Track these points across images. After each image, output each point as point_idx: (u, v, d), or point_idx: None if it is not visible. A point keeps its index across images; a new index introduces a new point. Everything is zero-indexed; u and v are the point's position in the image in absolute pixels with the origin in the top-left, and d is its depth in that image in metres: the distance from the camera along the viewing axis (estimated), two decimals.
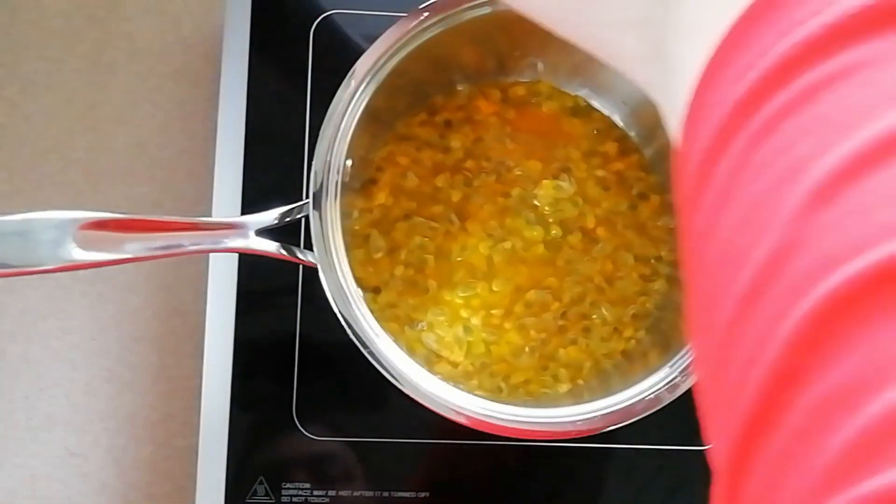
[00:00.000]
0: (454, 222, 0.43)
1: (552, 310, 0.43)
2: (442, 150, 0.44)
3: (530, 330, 0.42)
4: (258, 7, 0.47)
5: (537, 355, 0.42)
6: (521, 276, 0.43)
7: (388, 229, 0.43)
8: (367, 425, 0.44)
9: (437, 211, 0.43)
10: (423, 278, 0.43)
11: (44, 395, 0.46)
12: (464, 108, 0.44)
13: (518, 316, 0.43)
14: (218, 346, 0.44)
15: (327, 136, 0.36)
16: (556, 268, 0.43)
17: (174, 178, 0.48)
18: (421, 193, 0.44)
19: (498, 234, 0.43)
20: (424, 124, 0.44)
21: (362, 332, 0.35)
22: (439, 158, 0.44)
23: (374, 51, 0.37)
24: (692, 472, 0.45)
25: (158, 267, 0.47)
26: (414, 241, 0.43)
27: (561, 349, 0.42)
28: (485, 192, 0.44)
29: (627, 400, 0.36)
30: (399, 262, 0.43)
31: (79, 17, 0.49)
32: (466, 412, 0.35)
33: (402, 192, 0.43)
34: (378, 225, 0.43)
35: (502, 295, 0.43)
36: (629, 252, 0.43)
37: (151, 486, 0.46)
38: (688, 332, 0.22)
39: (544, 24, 0.25)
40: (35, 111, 0.48)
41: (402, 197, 0.43)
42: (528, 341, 0.42)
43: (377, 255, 0.42)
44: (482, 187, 0.44)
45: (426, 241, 0.43)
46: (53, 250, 0.33)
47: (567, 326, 0.43)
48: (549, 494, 0.44)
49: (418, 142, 0.44)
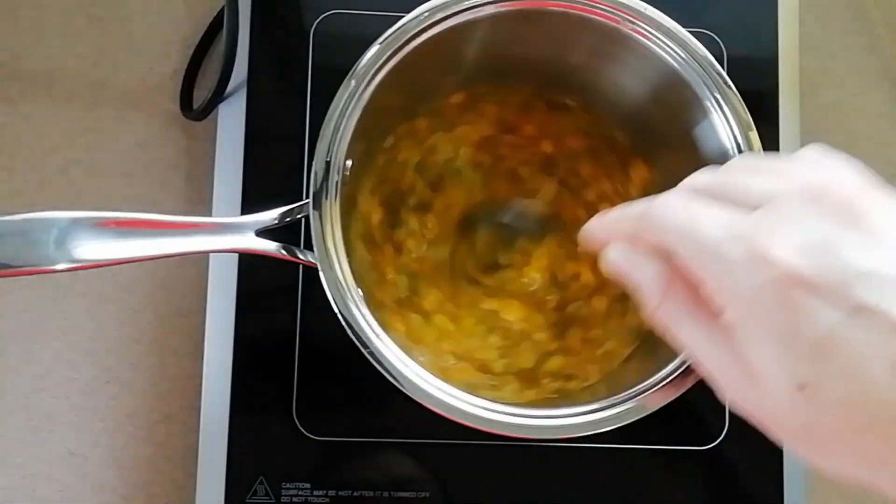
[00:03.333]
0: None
1: (547, 309, 0.43)
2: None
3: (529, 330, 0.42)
4: (258, 7, 0.46)
5: (535, 355, 0.42)
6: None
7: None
8: (367, 425, 0.44)
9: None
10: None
11: (44, 395, 0.46)
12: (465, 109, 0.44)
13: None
14: (218, 346, 0.44)
15: (327, 136, 0.36)
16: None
17: (174, 178, 0.48)
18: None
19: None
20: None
21: (362, 332, 0.35)
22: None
23: (374, 51, 0.37)
24: (692, 471, 0.45)
25: (158, 267, 0.47)
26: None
27: (559, 350, 0.43)
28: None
29: (628, 400, 0.36)
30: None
31: (79, 17, 0.49)
32: (467, 412, 0.35)
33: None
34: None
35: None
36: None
37: (151, 486, 0.46)
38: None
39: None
40: (35, 111, 0.48)
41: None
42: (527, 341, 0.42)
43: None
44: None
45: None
46: (53, 250, 0.33)
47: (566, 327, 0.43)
48: (550, 494, 0.44)
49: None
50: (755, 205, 0.24)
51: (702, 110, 0.38)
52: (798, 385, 0.22)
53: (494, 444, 0.43)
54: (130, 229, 0.34)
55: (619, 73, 0.41)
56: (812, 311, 0.22)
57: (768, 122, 0.48)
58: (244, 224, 0.36)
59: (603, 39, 0.39)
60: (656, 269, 0.27)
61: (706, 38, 0.45)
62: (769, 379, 0.23)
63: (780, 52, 0.49)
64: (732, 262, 0.23)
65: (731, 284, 0.23)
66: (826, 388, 0.22)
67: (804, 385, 0.22)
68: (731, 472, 0.45)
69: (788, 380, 0.22)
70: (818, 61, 0.53)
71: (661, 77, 0.39)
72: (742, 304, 0.23)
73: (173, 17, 0.50)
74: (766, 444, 0.25)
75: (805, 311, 0.22)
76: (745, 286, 0.23)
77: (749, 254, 0.23)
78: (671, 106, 0.40)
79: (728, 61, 0.47)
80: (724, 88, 0.37)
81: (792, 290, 0.22)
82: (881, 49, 0.54)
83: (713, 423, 0.45)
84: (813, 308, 0.22)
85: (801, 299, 0.22)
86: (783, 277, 0.22)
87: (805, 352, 0.22)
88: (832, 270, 0.22)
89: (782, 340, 0.22)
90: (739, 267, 0.23)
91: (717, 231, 0.24)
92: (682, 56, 0.38)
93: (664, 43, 0.38)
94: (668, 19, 0.38)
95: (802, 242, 0.22)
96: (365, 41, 0.37)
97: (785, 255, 0.22)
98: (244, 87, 0.46)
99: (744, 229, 0.23)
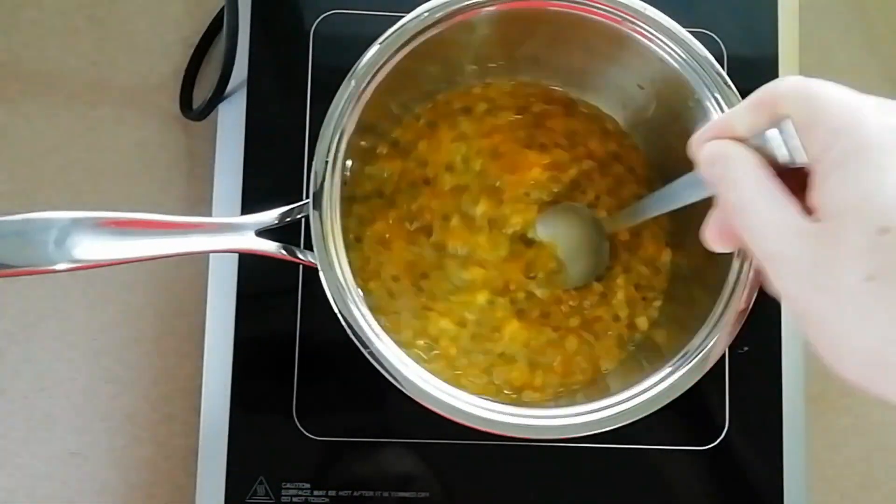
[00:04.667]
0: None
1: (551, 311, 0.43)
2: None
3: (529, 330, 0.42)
4: (258, 7, 0.46)
5: (533, 355, 0.42)
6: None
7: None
8: (367, 425, 0.44)
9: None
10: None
11: (44, 395, 0.46)
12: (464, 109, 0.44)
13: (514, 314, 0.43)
14: (218, 346, 0.44)
15: (327, 136, 0.36)
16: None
17: (174, 178, 0.48)
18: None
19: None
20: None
21: (362, 332, 0.35)
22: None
23: (374, 51, 0.37)
24: (692, 471, 0.45)
25: (158, 267, 0.47)
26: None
27: (559, 350, 0.43)
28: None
29: (628, 400, 0.36)
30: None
31: (79, 17, 0.49)
32: (466, 412, 0.35)
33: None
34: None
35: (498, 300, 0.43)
36: (630, 272, 0.44)
37: (151, 486, 0.46)
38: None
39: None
40: (35, 111, 0.48)
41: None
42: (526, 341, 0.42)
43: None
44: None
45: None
46: (53, 250, 0.33)
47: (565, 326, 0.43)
48: (550, 494, 0.44)
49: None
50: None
51: (702, 110, 0.38)
52: (880, 229, 0.22)
53: (494, 444, 0.43)
54: (130, 229, 0.34)
55: (619, 73, 0.41)
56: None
57: None
58: (244, 224, 0.36)
59: (603, 39, 0.39)
60: (737, 148, 0.27)
61: (706, 38, 0.45)
62: (848, 226, 0.23)
63: (780, 52, 0.49)
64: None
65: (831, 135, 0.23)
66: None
67: (886, 230, 0.22)
68: (731, 472, 0.45)
69: (868, 226, 0.22)
70: (818, 61, 0.53)
71: (661, 77, 0.39)
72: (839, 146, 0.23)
73: (173, 17, 0.50)
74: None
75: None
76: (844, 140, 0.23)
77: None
78: (671, 106, 0.40)
79: (728, 61, 0.47)
80: (724, 88, 0.37)
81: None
82: (881, 49, 0.54)
83: (714, 423, 0.45)
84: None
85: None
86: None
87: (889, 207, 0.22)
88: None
89: (876, 172, 0.22)
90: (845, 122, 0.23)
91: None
92: (682, 56, 0.38)
93: (664, 43, 0.38)
94: (668, 19, 0.38)
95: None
96: (365, 41, 0.37)
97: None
98: (244, 87, 0.46)
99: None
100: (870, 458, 0.49)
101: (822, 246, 0.23)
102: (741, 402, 0.45)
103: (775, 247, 0.25)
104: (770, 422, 0.45)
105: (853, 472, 0.49)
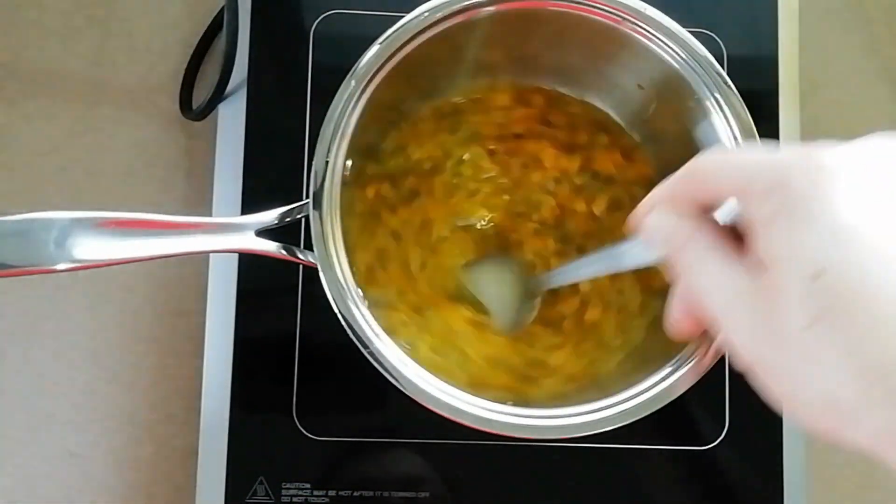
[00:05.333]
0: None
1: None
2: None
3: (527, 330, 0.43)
4: (258, 7, 0.47)
5: (532, 355, 0.42)
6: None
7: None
8: (367, 425, 0.44)
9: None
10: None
11: (44, 395, 0.46)
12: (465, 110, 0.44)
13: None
14: (218, 346, 0.44)
15: (327, 136, 0.36)
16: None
17: (174, 178, 0.48)
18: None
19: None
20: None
21: (362, 332, 0.35)
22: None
23: (374, 51, 0.37)
24: (692, 471, 0.45)
25: (158, 267, 0.47)
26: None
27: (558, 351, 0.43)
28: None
29: (628, 400, 0.36)
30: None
31: (79, 17, 0.49)
32: (467, 412, 0.35)
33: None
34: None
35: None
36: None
37: (151, 486, 0.46)
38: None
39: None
40: (35, 111, 0.48)
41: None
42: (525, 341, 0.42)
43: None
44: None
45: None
46: (53, 250, 0.33)
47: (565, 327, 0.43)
48: (550, 494, 0.44)
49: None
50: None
51: (702, 110, 0.38)
52: (813, 275, 0.22)
53: (494, 444, 0.43)
54: (130, 229, 0.34)
55: (619, 73, 0.41)
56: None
57: (768, 122, 0.48)
58: (244, 224, 0.36)
59: (603, 39, 0.39)
60: (680, 218, 0.28)
61: (706, 38, 0.45)
62: (784, 277, 0.23)
63: (780, 52, 0.49)
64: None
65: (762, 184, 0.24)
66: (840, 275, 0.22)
67: (818, 274, 0.22)
68: (731, 472, 0.45)
69: (801, 274, 0.23)
70: (818, 61, 0.53)
71: (661, 77, 0.39)
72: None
73: (173, 17, 0.50)
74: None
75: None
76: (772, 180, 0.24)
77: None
78: (671, 106, 0.40)
79: (728, 61, 0.47)
80: (724, 88, 0.37)
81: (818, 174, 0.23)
82: (881, 49, 0.54)
83: (713, 423, 0.45)
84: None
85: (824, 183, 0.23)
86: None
87: (825, 237, 0.22)
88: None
89: (803, 223, 0.23)
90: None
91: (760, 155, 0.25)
92: (682, 56, 0.38)
93: (664, 43, 0.38)
94: (668, 19, 0.38)
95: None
96: (365, 41, 0.37)
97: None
98: (244, 87, 0.46)
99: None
100: (870, 458, 0.49)
101: (764, 300, 0.24)
102: (741, 402, 0.45)
103: (724, 304, 0.25)
104: (770, 422, 0.45)
105: (853, 472, 0.49)
